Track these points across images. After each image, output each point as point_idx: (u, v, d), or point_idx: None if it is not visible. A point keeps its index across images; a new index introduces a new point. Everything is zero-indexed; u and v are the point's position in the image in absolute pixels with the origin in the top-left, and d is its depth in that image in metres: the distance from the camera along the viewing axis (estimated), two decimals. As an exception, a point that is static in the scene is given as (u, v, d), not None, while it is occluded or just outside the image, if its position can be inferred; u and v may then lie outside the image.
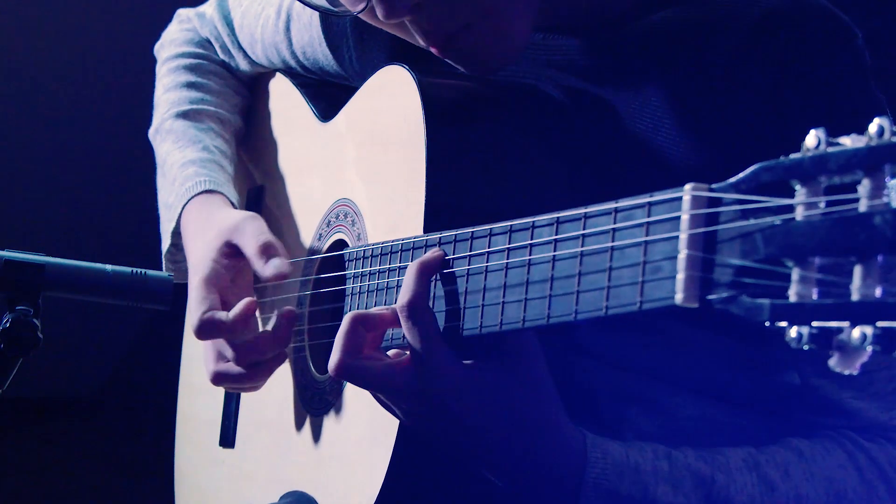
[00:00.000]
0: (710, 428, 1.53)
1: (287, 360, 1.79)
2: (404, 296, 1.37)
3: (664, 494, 1.39)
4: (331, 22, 1.86)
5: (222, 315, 1.69)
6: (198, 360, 1.83)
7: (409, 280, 1.38)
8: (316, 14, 1.88)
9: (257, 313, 1.86)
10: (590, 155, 1.54)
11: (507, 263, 1.34)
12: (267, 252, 1.70)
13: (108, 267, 1.68)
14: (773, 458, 1.45)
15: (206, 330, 1.70)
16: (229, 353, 1.72)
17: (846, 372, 1.03)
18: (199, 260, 1.77)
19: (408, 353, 1.39)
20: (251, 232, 1.73)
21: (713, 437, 1.50)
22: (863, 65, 1.46)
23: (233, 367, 1.73)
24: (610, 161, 1.53)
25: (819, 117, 1.43)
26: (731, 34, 1.46)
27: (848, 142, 1.03)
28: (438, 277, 1.42)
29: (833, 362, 1.03)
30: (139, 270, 1.68)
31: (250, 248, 1.72)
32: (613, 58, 1.56)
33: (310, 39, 1.92)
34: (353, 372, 1.39)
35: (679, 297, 1.11)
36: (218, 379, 1.77)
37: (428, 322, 1.36)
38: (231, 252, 1.76)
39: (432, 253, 1.41)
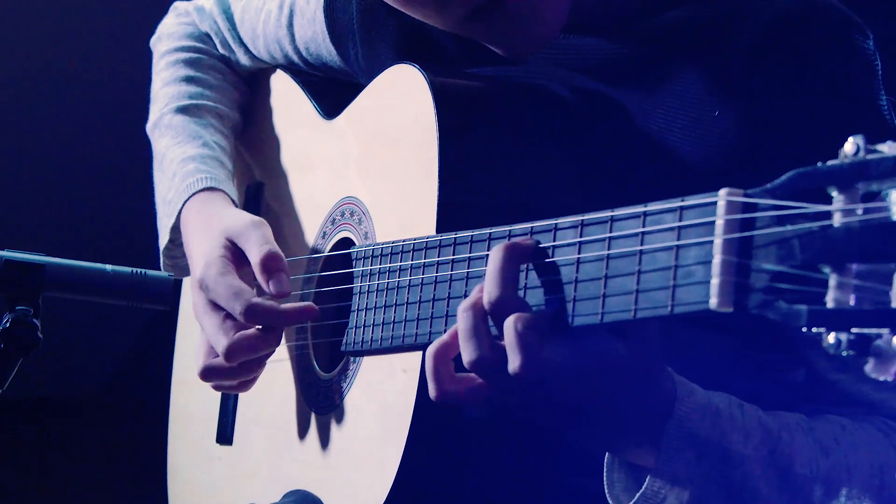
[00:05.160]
0: None
1: (287, 358, 1.78)
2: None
3: (737, 443, 1.34)
4: (336, 17, 1.85)
5: (269, 303, 1.66)
6: (191, 356, 1.82)
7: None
8: (320, 9, 1.86)
9: None
10: (602, 154, 1.54)
11: (527, 266, 1.33)
12: (269, 266, 1.69)
13: (108, 267, 1.67)
14: (821, 426, 1.43)
15: (255, 313, 1.66)
16: (221, 347, 1.70)
17: (881, 378, 1.03)
18: (206, 255, 1.75)
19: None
20: (255, 240, 1.71)
21: None
22: (874, 65, 1.47)
23: (223, 363, 1.72)
24: (622, 160, 1.53)
25: (830, 117, 1.44)
26: (744, 33, 1.47)
27: (885, 148, 1.03)
28: (450, 278, 1.41)
29: (869, 368, 1.03)
30: (139, 270, 1.68)
31: (254, 257, 1.70)
32: (625, 57, 1.56)
33: (313, 35, 1.90)
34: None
35: (714, 302, 1.11)
36: (206, 374, 1.75)
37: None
38: (234, 250, 1.75)
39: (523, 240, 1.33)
